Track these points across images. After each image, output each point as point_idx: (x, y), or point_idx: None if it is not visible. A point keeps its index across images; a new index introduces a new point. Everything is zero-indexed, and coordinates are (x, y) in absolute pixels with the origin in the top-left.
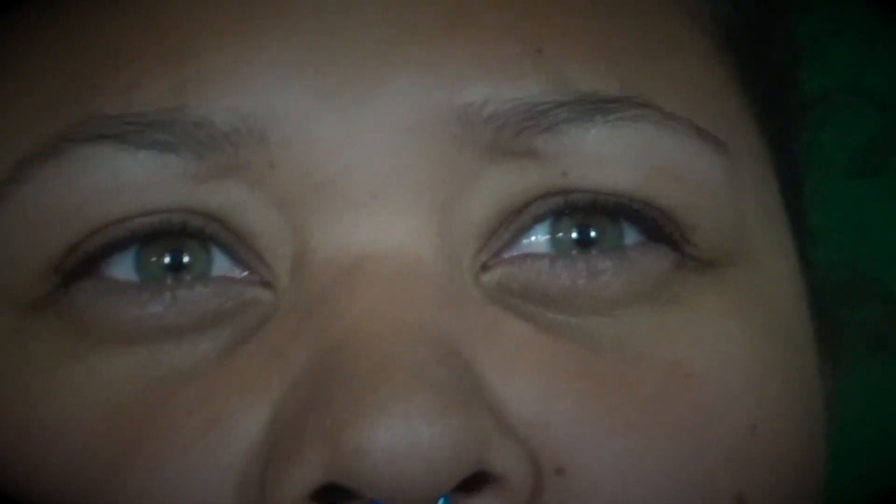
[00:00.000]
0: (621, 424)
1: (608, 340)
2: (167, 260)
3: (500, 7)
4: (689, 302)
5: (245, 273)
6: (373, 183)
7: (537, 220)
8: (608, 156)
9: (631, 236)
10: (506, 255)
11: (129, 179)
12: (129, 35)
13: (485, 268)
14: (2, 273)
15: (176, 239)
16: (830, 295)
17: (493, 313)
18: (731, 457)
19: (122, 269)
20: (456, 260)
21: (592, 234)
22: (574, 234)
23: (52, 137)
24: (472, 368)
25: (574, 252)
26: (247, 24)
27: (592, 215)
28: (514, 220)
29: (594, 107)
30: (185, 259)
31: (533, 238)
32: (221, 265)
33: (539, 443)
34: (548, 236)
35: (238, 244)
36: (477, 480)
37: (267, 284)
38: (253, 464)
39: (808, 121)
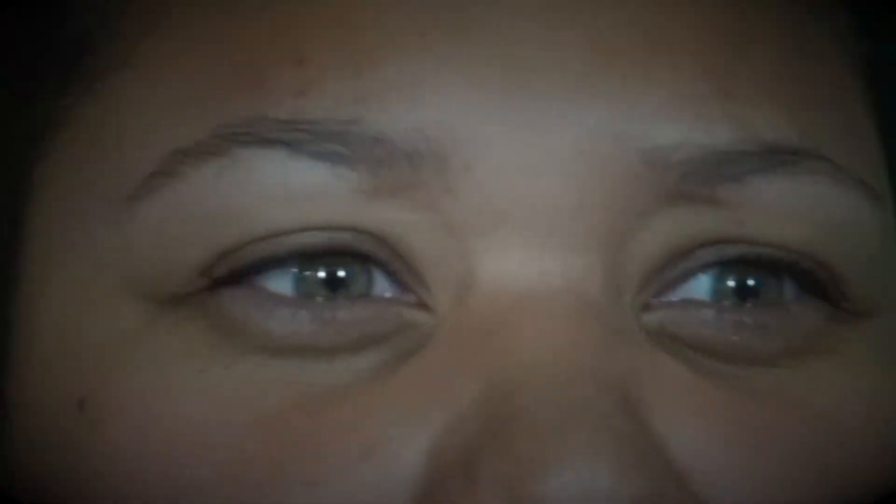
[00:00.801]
0: (773, 473)
1: (767, 390)
2: (323, 275)
3: (693, 39)
4: (843, 353)
5: (405, 296)
6: (552, 220)
7: (704, 268)
8: (785, 209)
9: (789, 290)
10: (669, 298)
11: (298, 190)
12: (304, 31)
13: (646, 308)
14: (141, 266)
15: (337, 255)
16: None
17: (656, 354)
18: None
19: (277, 278)
20: (619, 298)
21: (751, 282)
22: (732, 283)
23: (215, 135)
24: (640, 413)
25: (736, 303)
26: (434, 38)
27: (756, 267)
28: (680, 262)
29: (778, 158)
30: (342, 274)
31: (692, 288)
32: (380, 286)
33: (698, 490)
34: (709, 283)
35: (401, 266)
36: None
37: (426, 307)
38: (412, 492)
39: None
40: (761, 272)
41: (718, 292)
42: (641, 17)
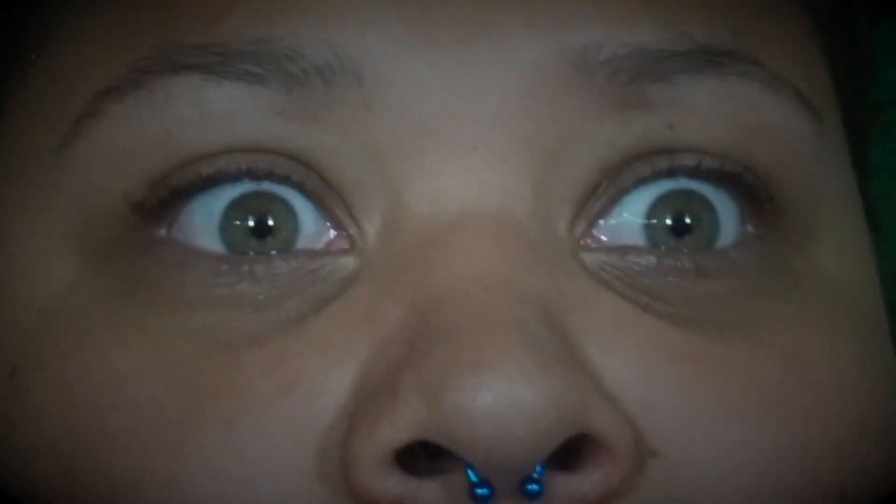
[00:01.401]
0: (729, 411)
1: (726, 326)
2: (251, 223)
3: None
4: (794, 290)
5: (331, 235)
6: (475, 132)
7: (637, 184)
8: (715, 111)
9: (727, 226)
10: (604, 236)
11: (214, 110)
12: None
13: (585, 248)
14: (74, 212)
15: (262, 201)
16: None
17: (592, 287)
18: (839, 451)
19: (203, 232)
20: (552, 227)
21: (688, 220)
22: (669, 221)
23: (131, 69)
24: (568, 334)
25: (674, 248)
26: None
27: (690, 202)
28: (613, 180)
29: (708, 59)
30: (270, 223)
31: (626, 215)
32: (310, 230)
33: (636, 421)
34: (641, 220)
35: (328, 194)
36: (573, 450)
37: (350, 250)
38: (337, 424)
39: (881, 122)
40: (696, 208)
41: (653, 229)
42: None
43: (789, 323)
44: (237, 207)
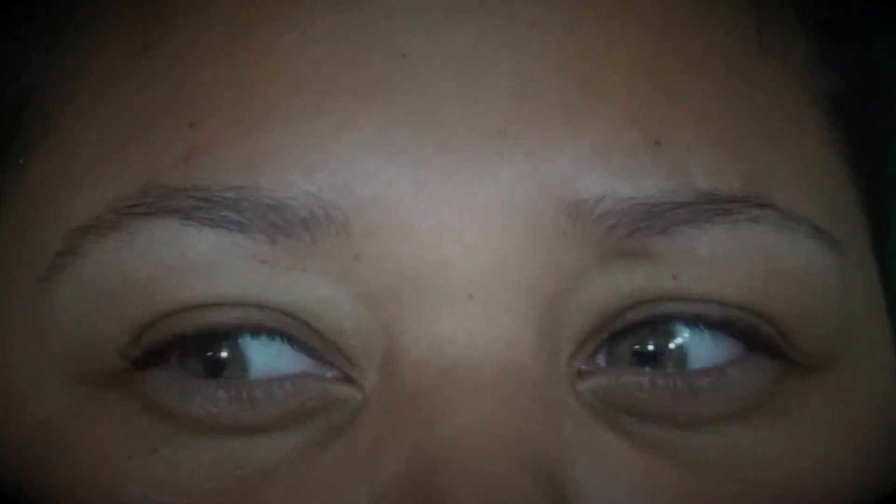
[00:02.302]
0: None
1: (713, 460)
2: (228, 353)
3: (626, 89)
4: (795, 413)
5: (328, 371)
6: (471, 280)
7: (634, 327)
8: (723, 259)
9: (725, 347)
10: (601, 364)
11: (196, 258)
12: (197, 94)
13: (580, 375)
14: (64, 347)
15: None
16: None
17: (591, 427)
18: None
19: (192, 362)
20: (553, 365)
21: (678, 342)
22: (670, 345)
23: (111, 208)
24: (571, 491)
25: (670, 369)
26: (334, 98)
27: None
28: (611, 323)
29: (713, 207)
30: (251, 355)
31: (623, 344)
32: (301, 360)
33: None
34: (638, 345)
35: (321, 344)
36: None
37: (352, 381)
38: None
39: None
40: (694, 328)
41: (643, 354)
42: (569, 63)
43: (782, 455)
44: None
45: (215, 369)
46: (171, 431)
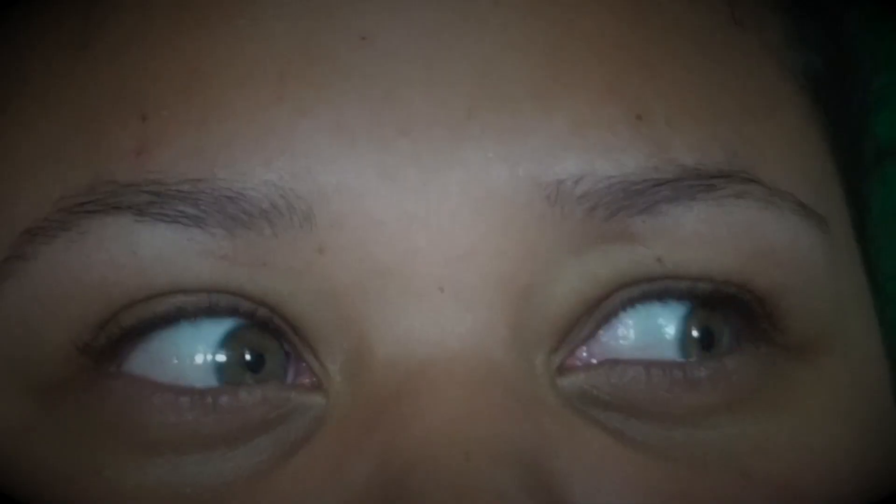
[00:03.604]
0: None
1: (709, 456)
2: (214, 357)
3: (599, 62)
4: (792, 404)
5: (296, 375)
6: (441, 272)
7: (624, 306)
8: (708, 237)
9: (723, 336)
10: (588, 357)
11: (150, 256)
12: (148, 85)
13: (562, 372)
14: (15, 354)
15: (230, 335)
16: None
17: (573, 422)
18: None
19: (157, 363)
20: (530, 361)
21: (695, 333)
22: (695, 332)
23: (58, 208)
24: (553, 486)
25: (665, 360)
26: (290, 80)
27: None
28: (596, 309)
29: (697, 184)
30: (221, 359)
31: (611, 335)
32: (271, 365)
33: None
34: (629, 335)
35: (288, 333)
36: None
37: (318, 388)
38: None
39: (879, 166)
40: (692, 319)
41: (641, 341)
42: (536, 37)
43: (780, 447)
44: (197, 340)
45: (178, 374)
46: (117, 450)
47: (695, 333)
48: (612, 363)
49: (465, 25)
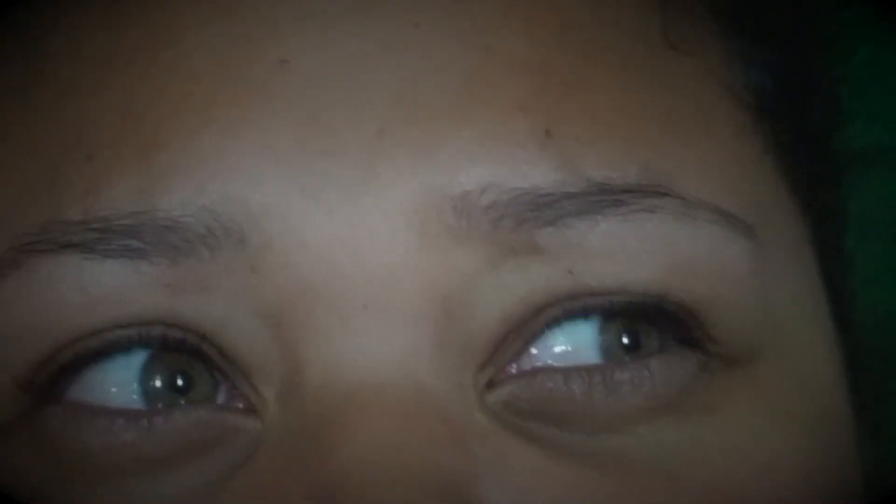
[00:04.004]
0: None
1: (637, 462)
2: (142, 382)
3: (514, 82)
4: (721, 409)
5: (230, 398)
6: (365, 290)
7: (549, 324)
8: (619, 251)
9: (647, 341)
10: (514, 370)
11: (98, 292)
12: (91, 126)
13: (489, 386)
14: None
15: (155, 358)
16: (869, 358)
17: (501, 441)
18: None
19: (94, 390)
20: (458, 381)
21: (624, 339)
22: (625, 339)
23: (10, 248)
24: None
25: (587, 365)
26: (216, 106)
27: (612, 319)
28: (523, 328)
29: (605, 198)
30: (159, 383)
31: (536, 350)
32: (205, 388)
33: None
34: (565, 347)
35: (222, 362)
36: None
37: (253, 411)
38: None
39: (849, 175)
40: (619, 321)
41: (574, 350)
42: (455, 60)
43: (709, 452)
44: (129, 365)
45: (112, 398)
46: (65, 477)
47: (624, 340)
48: (533, 373)
49: (385, 50)
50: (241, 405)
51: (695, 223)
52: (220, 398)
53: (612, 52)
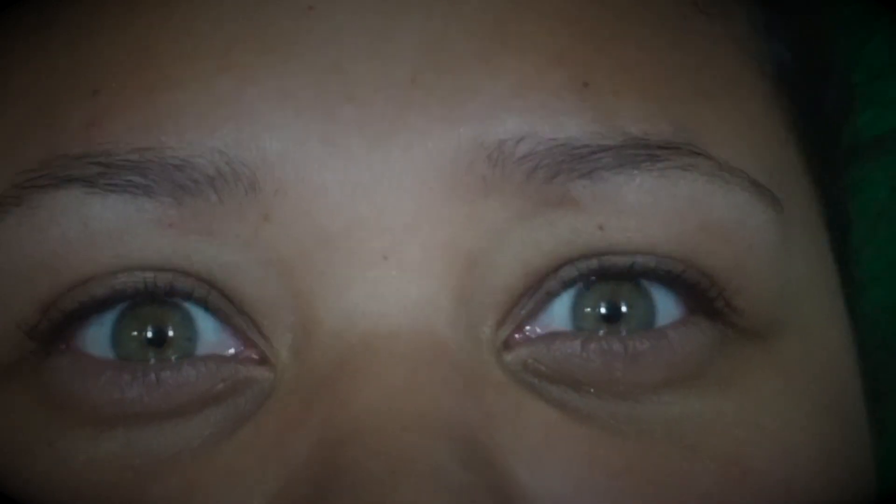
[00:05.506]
0: None
1: (657, 430)
2: (148, 335)
3: (549, 32)
4: (741, 383)
5: (240, 349)
6: (385, 240)
7: (566, 285)
8: (650, 208)
9: (666, 311)
10: (530, 332)
11: (100, 227)
12: (100, 61)
13: (508, 346)
14: None
15: (158, 309)
16: (878, 353)
17: (518, 396)
18: None
19: (98, 343)
20: (475, 334)
21: (623, 308)
22: (602, 309)
23: (12, 184)
24: (496, 460)
25: (604, 332)
26: (236, 51)
27: (621, 285)
28: (540, 286)
29: (642, 153)
30: (170, 333)
31: (554, 310)
32: (211, 340)
33: None
34: (569, 309)
35: (232, 311)
36: None
37: (264, 361)
38: None
39: (861, 162)
40: (632, 293)
41: (582, 318)
42: (487, 9)
43: (729, 424)
44: (129, 318)
45: (122, 347)
46: (68, 424)
47: (602, 310)
48: (552, 337)
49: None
50: (254, 356)
51: (727, 186)
52: (231, 349)
53: (644, 10)
